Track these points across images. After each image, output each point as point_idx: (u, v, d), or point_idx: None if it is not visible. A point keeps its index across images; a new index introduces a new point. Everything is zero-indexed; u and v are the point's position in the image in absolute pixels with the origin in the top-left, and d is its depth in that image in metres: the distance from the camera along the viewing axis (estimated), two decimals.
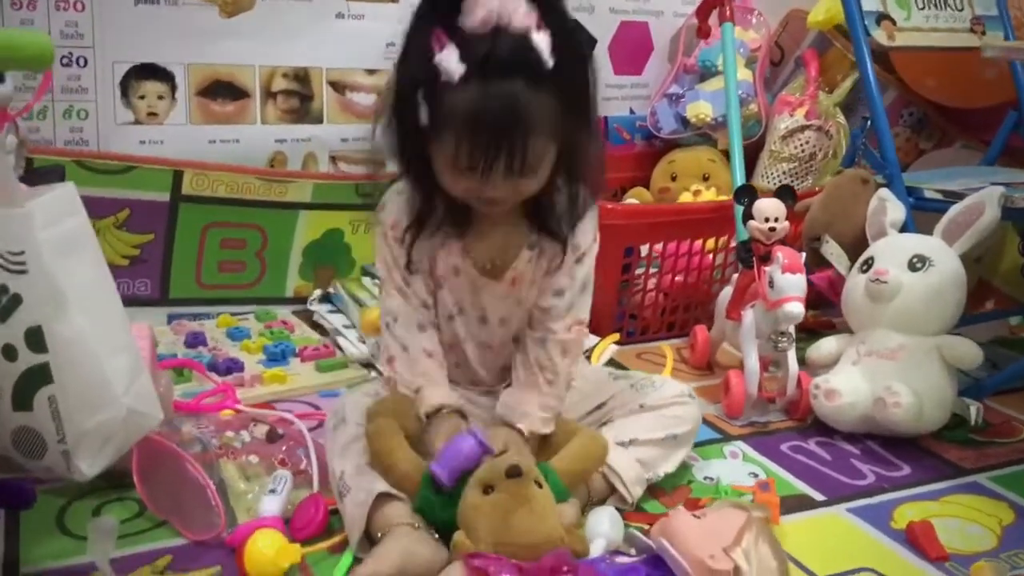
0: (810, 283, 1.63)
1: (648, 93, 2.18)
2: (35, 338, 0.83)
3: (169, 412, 1.27)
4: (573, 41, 1.03)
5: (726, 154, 2.04)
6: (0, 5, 1.49)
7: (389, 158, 1.12)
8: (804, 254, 1.43)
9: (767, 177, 1.93)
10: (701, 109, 2.01)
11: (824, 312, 1.80)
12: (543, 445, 1.14)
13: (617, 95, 2.14)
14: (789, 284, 1.34)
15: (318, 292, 1.81)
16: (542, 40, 0.98)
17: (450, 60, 0.97)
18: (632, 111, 2.18)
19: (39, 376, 0.84)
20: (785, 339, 1.39)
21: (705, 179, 2.01)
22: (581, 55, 1.05)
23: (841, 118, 1.92)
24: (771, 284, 1.36)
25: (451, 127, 0.99)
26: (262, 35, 1.71)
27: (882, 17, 1.56)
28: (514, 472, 0.97)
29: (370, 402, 1.14)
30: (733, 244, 1.72)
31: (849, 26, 1.56)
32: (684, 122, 2.06)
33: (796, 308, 1.34)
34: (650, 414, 1.19)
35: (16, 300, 0.83)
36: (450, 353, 1.19)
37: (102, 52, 1.58)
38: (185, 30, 1.64)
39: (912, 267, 1.37)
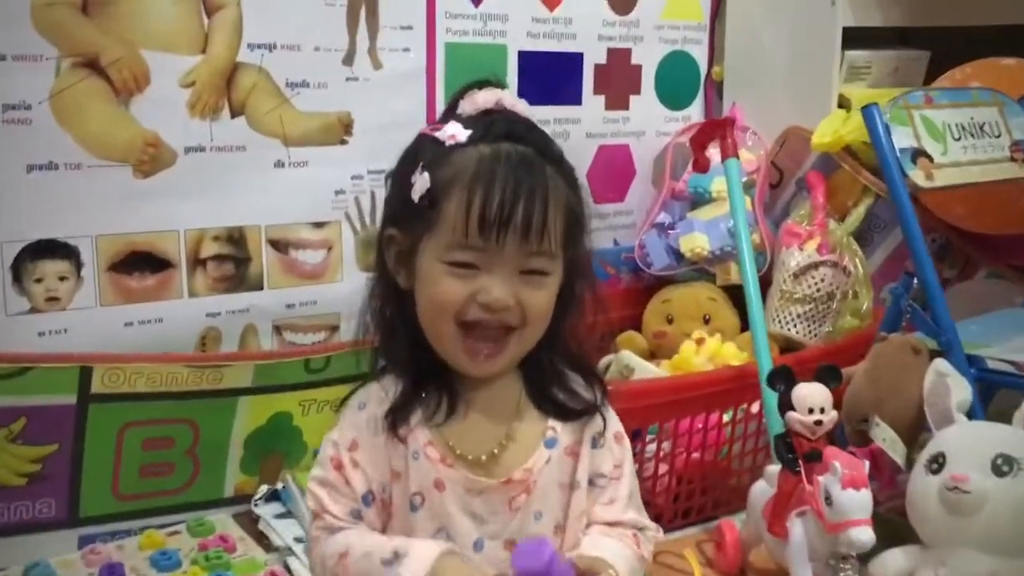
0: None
1: (633, 220, 1.94)
2: None
3: None
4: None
5: (726, 290, 1.81)
6: None
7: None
8: (848, 436, 1.20)
9: (779, 321, 1.69)
10: (697, 242, 1.78)
11: None
12: None
13: (600, 225, 1.89)
14: (853, 504, 1.08)
15: (264, 489, 1.51)
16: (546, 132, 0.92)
17: (454, 127, 0.88)
18: (616, 242, 1.94)
19: None
20: (849, 566, 1.13)
21: (706, 321, 1.77)
22: (575, 174, 0.94)
23: (857, 248, 1.69)
24: (828, 500, 1.11)
25: (459, 183, 0.85)
26: (186, 194, 1.43)
27: (918, 154, 1.34)
28: None
29: None
30: (752, 411, 1.48)
31: (883, 169, 1.32)
32: (677, 255, 1.82)
33: (864, 535, 1.07)
34: None
35: None
36: None
37: None
38: (92, 197, 1.35)
39: (998, 471, 1.11)
